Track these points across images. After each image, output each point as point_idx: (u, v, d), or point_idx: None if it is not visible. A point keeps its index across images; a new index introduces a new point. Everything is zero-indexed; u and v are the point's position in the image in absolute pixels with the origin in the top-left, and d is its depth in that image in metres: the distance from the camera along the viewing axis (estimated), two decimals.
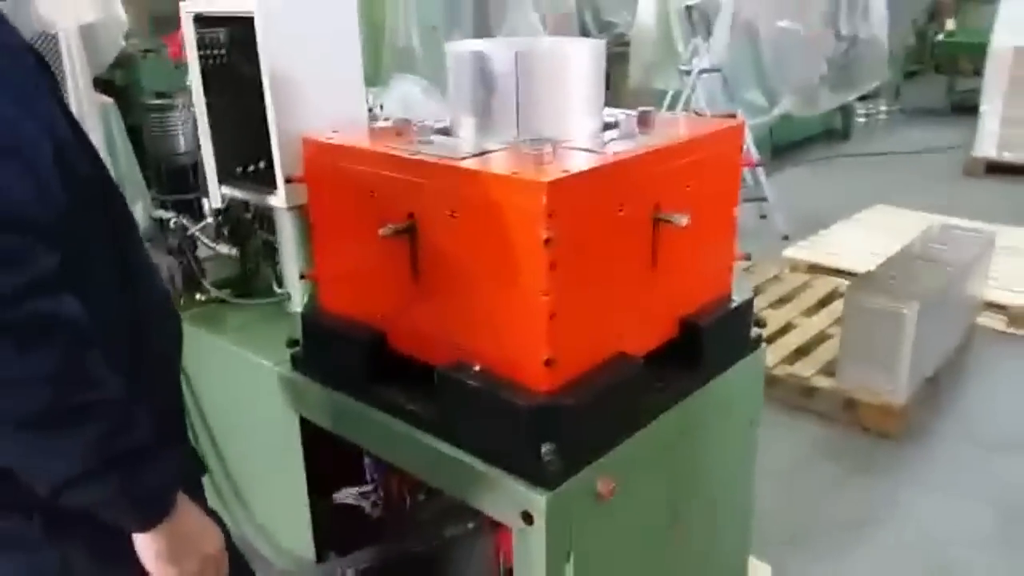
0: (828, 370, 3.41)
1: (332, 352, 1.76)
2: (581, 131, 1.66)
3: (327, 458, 1.94)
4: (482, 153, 1.53)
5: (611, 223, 1.51)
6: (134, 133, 2.99)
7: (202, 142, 2.05)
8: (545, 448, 1.43)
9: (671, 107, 5.06)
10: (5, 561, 1.17)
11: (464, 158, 1.49)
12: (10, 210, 0.98)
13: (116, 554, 1.18)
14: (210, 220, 2.21)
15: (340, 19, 1.98)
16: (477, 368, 1.51)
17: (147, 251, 1.40)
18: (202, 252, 2.26)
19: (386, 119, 2.01)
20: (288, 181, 1.78)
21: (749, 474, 2.11)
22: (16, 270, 0.97)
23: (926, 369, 3.35)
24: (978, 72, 7.78)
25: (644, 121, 1.73)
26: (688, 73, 5.17)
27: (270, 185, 1.99)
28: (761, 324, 1.98)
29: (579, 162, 1.46)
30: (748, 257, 1.95)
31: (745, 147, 2.17)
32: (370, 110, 2.14)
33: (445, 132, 1.73)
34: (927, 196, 5.79)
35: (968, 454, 3.09)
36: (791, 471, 2.99)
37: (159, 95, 2.36)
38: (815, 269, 4.59)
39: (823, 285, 4.28)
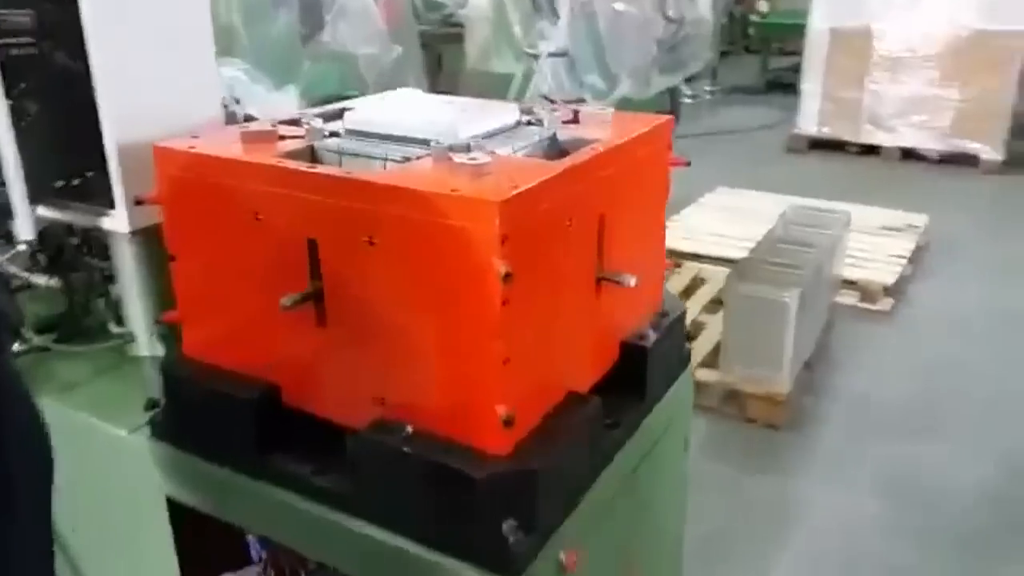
0: (708, 362, 3.33)
1: (208, 414, 1.40)
2: (505, 132, 1.40)
3: (204, 535, 1.58)
4: (401, 161, 1.23)
5: (561, 241, 1.26)
6: None
7: (3, 153, 1.62)
8: (507, 526, 1.16)
9: (520, 91, 4.85)
10: None
11: (382, 171, 1.19)
12: None
13: None
14: (22, 247, 1.76)
15: None
16: (409, 430, 1.22)
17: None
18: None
19: (251, 118, 1.66)
20: (138, 203, 1.39)
21: (684, 497, 1.94)
22: None
23: (804, 354, 3.34)
24: (789, 52, 8.12)
25: (572, 119, 1.50)
26: (536, 56, 4.98)
27: (102, 202, 1.59)
28: (691, 337, 1.80)
29: (526, 173, 1.19)
30: (678, 265, 1.76)
31: None
32: (225, 107, 1.77)
33: (337, 135, 1.41)
34: (759, 174, 5.95)
35: (847, 440, 3.10)
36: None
37: None
38: (674, 255, 4.54)
39: (686, 271, 4.22)
